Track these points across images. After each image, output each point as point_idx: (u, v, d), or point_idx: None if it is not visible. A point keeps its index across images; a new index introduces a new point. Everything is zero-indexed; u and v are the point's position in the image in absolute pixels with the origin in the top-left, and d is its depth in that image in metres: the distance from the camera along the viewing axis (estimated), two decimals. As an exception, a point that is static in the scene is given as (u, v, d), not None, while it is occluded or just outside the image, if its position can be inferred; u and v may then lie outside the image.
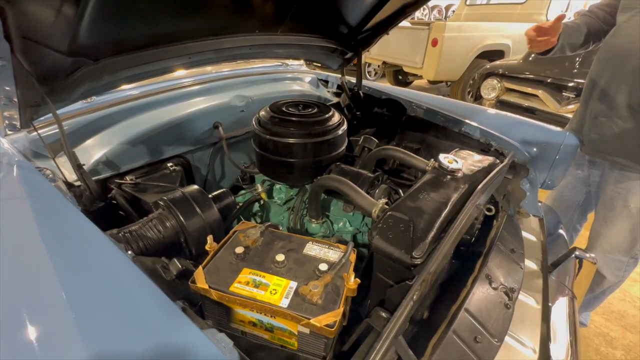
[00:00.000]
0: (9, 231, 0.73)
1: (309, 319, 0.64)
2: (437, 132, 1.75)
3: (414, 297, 0.67)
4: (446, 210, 0.85)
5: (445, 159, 0.96)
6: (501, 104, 3.88)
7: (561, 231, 1.60)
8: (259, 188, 1.47)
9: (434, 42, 4.66)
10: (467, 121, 1.61)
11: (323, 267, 0.75)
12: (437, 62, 4.71)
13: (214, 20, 1.20)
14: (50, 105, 0.88)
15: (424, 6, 10.59)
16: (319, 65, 2.15)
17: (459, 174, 0.96)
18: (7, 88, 0.75)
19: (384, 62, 5.85)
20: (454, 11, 8.02)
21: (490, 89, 3.92)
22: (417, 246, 0.76)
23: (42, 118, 1.19)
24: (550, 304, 1.16)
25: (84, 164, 0.99)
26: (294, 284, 0.72)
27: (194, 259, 1.03)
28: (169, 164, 1.40)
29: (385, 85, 2.09)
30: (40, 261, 0.65)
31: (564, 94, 3.30)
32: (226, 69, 1.88)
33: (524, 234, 1.49)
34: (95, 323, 0.54)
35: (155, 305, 0.58)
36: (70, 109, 1.31)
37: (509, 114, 1.72)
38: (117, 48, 1.01)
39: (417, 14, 10.45)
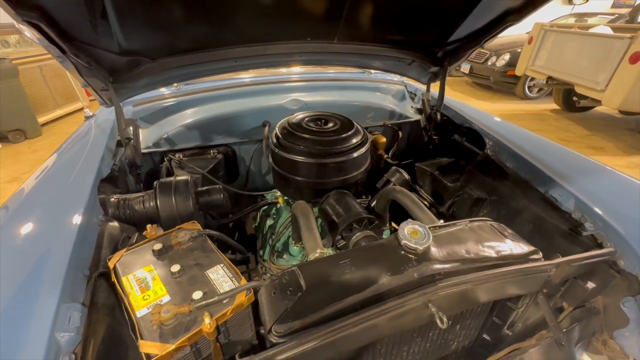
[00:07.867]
0: (59, 162, 1.16)
1: (142, 338, 0.64)
2: (515, 185, 1.28)
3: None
4: (358, 295, 0.63)
5: (408, 227, 0.71)
6: None
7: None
8: (278, 192, 1.50)
9: (634, 58, 3.27)
10: (560, 182, 1.11)
11: (197, 295, 0.71)
12: (631, 85, 3.29)
13: (259, 26, 1.25)
14: (112, 92, 1.17)
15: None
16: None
17: (419, 254, 0.69)
18: (76, 77, 1.04)
19: (549, 78, 4.56)
20: None
21: None
22: (286, 321, 0.61)
23: (136, 98, 1.57)
24: None
25: (128, 140, 1.27)
26: (166, 299, 0.73)
27: None
28: (213, 151, 1.60)
29: (475, 110, 1.66)
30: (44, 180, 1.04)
31: None
32: (298, 73, 1.94)
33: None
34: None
35: (47, 269, 0.71)
36: (160, 93, 1.69)
37: (649, 187, 1.07)
38: (169, 50, 1.22)
39: None
